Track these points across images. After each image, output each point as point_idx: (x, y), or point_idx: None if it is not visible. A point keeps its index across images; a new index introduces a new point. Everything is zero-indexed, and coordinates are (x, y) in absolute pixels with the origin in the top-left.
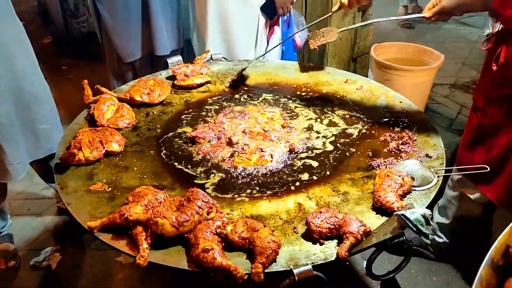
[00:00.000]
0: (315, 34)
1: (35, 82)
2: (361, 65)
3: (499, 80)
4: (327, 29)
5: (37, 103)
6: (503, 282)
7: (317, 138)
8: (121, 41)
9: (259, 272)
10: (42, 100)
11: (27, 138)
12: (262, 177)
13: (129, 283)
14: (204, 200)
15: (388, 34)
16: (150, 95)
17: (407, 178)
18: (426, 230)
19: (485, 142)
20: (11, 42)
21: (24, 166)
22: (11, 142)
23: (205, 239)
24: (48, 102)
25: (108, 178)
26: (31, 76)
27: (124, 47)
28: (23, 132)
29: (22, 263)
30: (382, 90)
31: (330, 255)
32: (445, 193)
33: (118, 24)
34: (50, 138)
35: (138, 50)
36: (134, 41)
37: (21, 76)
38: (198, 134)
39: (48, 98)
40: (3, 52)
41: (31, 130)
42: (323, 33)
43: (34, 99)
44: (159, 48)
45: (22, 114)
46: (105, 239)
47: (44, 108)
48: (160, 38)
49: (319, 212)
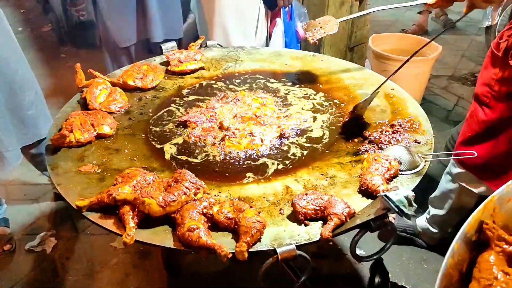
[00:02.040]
0: (312, 25)
1: (19, 69)
2: (357, 55)
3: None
4: (324, 19)
5: (22, 90)
6: (476, 258)
7: (307, 123)
8: (116, 26)
9: (243, 250)
10: (27, 86)
11: (15, 125)
12: (251, 161)
13: (123, 268)
14: (191, 181)
15: (388, 26)
16: (143, 80)
17: (394, 162)
18: (408, 211)
19: (492, 137)
20: None
21: (18, 153)
22: (4, 130)
23: (191, 219)
24: (33, 88)
25: (99, 160)
26: (15, 63)
27: (119, 32)
28: (12, 119)
29: (17, 247)
30: (375, 77)
31: (315, 236)
32: (440, 186)
33: (113, 9)
34: (37, 124)
35: (133, 36)
36: (129, 26)
37: (5, 63)
38: (189, 118)
39: (33, 85)
40: None
41: (18, 116)
42: (320, 23)
43: (19, 86)
44: (154, 34)
45: (8, 101)
46: (93, 218)
47: (29, 94)
48: (155, 25)
49: (305, 194)
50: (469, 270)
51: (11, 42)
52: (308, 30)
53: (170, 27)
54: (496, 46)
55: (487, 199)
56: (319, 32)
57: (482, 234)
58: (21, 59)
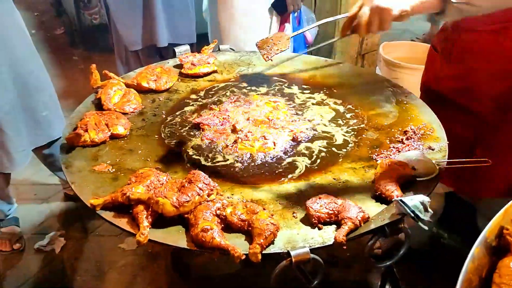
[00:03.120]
0: (265, 42)
1: (34, 70)
2: (368, 61)
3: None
4: (276, 36)
5: (37, 91)
6: (496, 263)
7: (320, 128)
8: (124, 29)
9: (256, 252)
10: (42, 87)
11: (28, 125)
12: (264, 164)
13: (131, 269)
14: (205, 182)
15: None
16: (157, 82)
17: (408, 168)
18: (424, 217)
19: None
20: (9, 31)
21: (27, 154)
22: (15, 130)
23: (205, 220)
24: (47, 89)
25: (113, 159)
26: (30, 64)
27: (127, 35)
28: (25, 120)
29: (27, 246)
30: (387, 83)
31: (328, 240)
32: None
33: (122, 12)
34: (51, 125)
35: (139, 40)
36: (136, 30)
37: (20, 64)
38: (202, 120)
39: (47, 86)
40: (2, 40)
41: (33, 117)
42: (273, 40)
43: (34, 87)
44: (159, 39)
45: (23, 102)
46: (106, 217)
47: (44, 95)
48: (160, 30)
49: (319, 197)
50: (489, 275)
51: (27, 43)
52: (262, 48)
53: (179, 32)
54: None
55: (508, 205)
56: (273, 49)
57: (502, 239)
58: (37, 61)
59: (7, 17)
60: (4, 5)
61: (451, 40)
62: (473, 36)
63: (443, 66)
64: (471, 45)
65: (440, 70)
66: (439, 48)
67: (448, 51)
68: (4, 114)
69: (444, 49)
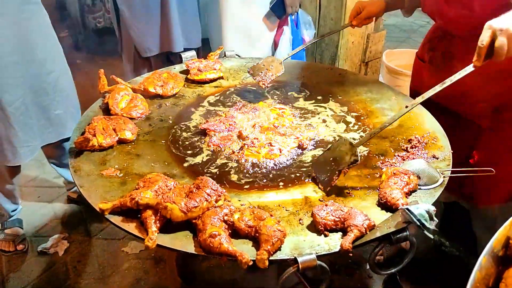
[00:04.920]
0: (257, 69)
1: (55, 70)
2: (372, 69)
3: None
4: (266, 61)
5: (54, 90)
6: (502, 272)
7: (325, 134)
8: (139, 36)
9: (264, 258)
10: (60, 88)
11: (40, 122)
12: (270, 170)
13: (134, 273)
14: (213, 188)
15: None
16: (163, 87)
17: (413, 177)
18: (429, 225)
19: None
20: (33, 31)
21: (32, 149)
22: (23, 125)
23: (213, 225)
24: (66, 90)
25: (120, 164)
26: (52, 64)
27: (142, 42)
28: (37, 117)
29: (30, 248)
30: (391, 92)
31: (334, 247)
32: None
33: (136, 18)
34: (64, 124)
35: (155, 46)
36: (151, 36)
37: (40, 64)
38: (209, 126)
39: (67, 87)
40: (24, 40)
41: (45, 115)
42: (265, 65)
43: (51, 87)
44: (175, 45)
45: (38, 99)
46: (115, 221)
47: (61, 95)
48: (176, 36)
49: (325, 205)
50: (495, 285)
51: (51, 44)
52: (256, 75)
53: (190, 37)
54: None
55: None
56: (268, 75)
57: (508, 249)
58: (59, 62)
59: (33, 18)
60: (32, 6)
61: (439, 49)
62: (460, 42)
63: (432, 75)
64: (460, 51)
65: (428, 79)
66: (426, 58)
67: (437, 60)
68: (14, 110)
69: (433, 58)
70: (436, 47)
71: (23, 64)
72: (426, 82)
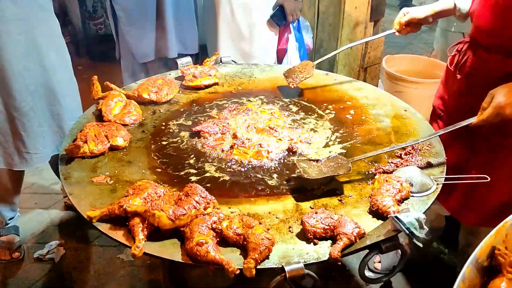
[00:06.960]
0: (292, 71)
1: (65, 79)
2: (371, 75)
3: (462, 88)
4: (302, 64)
5: (65, 99)
6: (487, 283)
7: (317, 139)
8: (135, 42)
9: (251, 267)
10: (70, 96)
11: (54, 131)
12: (261, 177)
13: (130, 280)
14: (202, 196)
15: (402, 48)
16: (157, 94)
17: (405, 184)
18: (419, 234)
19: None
20: (43, 39)
21: (43, 157)
22: (30, 132)
23: (200, 233)
24: (75, 99)
25: (111, 171)
26: (61, 72)
27: (138, 48)
28: (49, 124)
29: (26, 255)
30: (388, 98)
31: (323, 255)
32: None
33: (133, 24)
34: None
35: (151, 52)
36: (147, 42)
37: (51, 71)
38: (203, 128)
39: (75, 95)
40: (34, 46)
41: (58, 124)
42: (299, 69)
43: (62, 95)
44: (170, 51)
45: (50, 108)
46: (103, 229)
47: (72, 104)
48: (171, 42)
49: (315, 212)
50: None
51: (61, 52)
52: (288, 77)
53: (185, 43)
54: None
55: (500, 225)
56: (298, 77)
57: (494, 259)
58: (68, 70)
59: (44, 25)
60: (43, 13)
61: (463, 53)
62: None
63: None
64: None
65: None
66: (450, 60)
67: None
68: (21, 115)
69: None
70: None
71: (34, 71)
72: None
